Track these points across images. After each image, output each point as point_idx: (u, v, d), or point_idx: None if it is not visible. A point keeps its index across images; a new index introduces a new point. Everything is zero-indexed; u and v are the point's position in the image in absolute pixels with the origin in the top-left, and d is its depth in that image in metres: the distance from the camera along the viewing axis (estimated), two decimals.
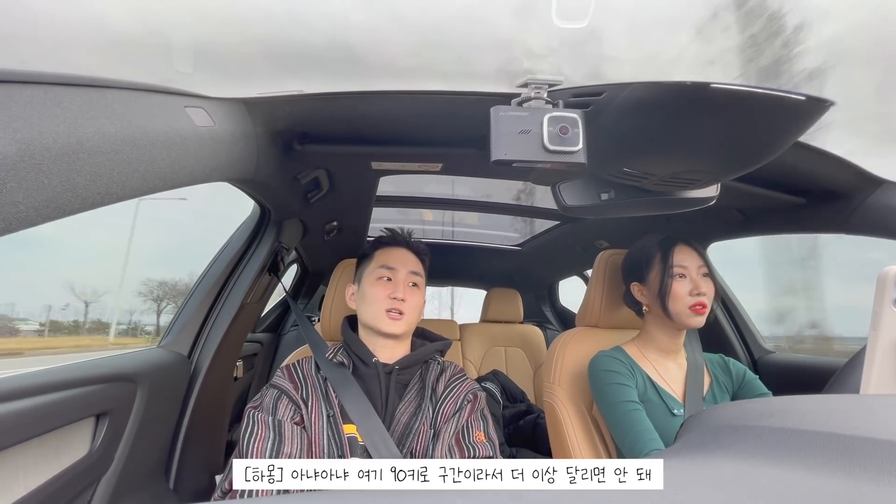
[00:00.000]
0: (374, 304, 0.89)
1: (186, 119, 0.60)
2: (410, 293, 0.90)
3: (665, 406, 0.94)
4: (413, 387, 0.88)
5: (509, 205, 1.86)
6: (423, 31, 6.52)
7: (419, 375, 0.90)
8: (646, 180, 0.80)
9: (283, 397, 0.81)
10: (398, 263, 0.92)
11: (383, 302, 0.88)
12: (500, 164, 0.61)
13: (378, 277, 0.91)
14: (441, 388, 0.88)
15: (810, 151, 0.84)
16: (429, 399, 0.86)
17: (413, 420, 0.83)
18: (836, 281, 5.23)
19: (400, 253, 0.95)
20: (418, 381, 0.89)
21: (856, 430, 0.25)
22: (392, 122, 0.89)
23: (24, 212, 0.40)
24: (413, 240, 0.99)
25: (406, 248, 0.96)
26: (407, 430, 0.82)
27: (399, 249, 0.96)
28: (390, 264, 0.92)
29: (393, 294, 0.88)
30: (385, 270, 0.91)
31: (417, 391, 0.88)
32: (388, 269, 0.92)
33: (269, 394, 0.82)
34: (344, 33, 7.20)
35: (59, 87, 0.44)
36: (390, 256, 0.93)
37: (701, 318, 0.94)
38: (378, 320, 0.88)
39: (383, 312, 0.87)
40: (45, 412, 0.71)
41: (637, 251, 1.07)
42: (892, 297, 0.41)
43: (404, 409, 0.84)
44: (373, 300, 0.89)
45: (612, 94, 0.65)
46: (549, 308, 2.99)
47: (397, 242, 0.97)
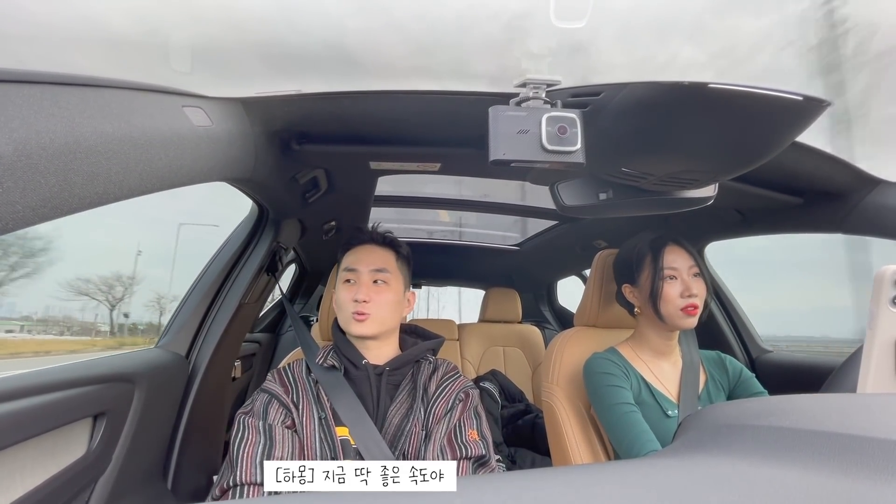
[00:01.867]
0: (341, 309, 0.89)
1: (184, 119, 0.60)
2: (376, 291, 0.88)
3: (659, 407, 0.94)
4: (405, 388, 0.87)
5: (508, 205, 1.86)
6: (419, 33, 6.52)
7: (411, 376, 0.89)
8: (644, 180, 0.80)
9: (273, 401, 0.81)
10: (359, 263, 0.91)
11: (348, 305, 0.87)
12: (498, 163, 0.61)
13: (343, 281, 0.91)
14: (433, 388, 0.87)
15: (808, 151, 0.84)
16: (420, 399, 0.85)
17: (405, 422, 0.82)
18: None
19: (363, 252, 0.92)
20: (409, 381, 0.89)
21: (853, 429, 0.25)
22: (390, 122, 0.89)
23: (20, 211, 0.39)
24: (379, 233, 0.96)
25: (371, 244, 0.94)
26: (399, 431, 0.81)
27: (362, 247, 0.93)
28: (351, 265, 0.91)
29: (355, 296, 0.87)
30: (347, 273, 0.91)
31: (409, 392, 0.87)
32: (350, 270, 0.90)
33: (259, 398, 0.82)
34: (339, 36, 7.19)
35: (57, 87, 0.43)
36: (352, 257, 0.92)
37: (693, 319, 0.94)
38: (347, 324, 0.88)
39: (350, 315, 0.86)
40: (43, 412, 0.71)
41: (627, 252, 1.06)
42: (888, 297, 0.41)
43: (396, 411, 0.84)
44: (340, 305, 0.89)
45: (610, 94, 0.65)
46: (547, 308, 2.99)
47: (361, 240, 0.94)
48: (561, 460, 1.04)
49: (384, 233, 0.96)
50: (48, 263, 17.27)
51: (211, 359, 1.17)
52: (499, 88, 0.74)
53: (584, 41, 0.66)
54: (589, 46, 0.83)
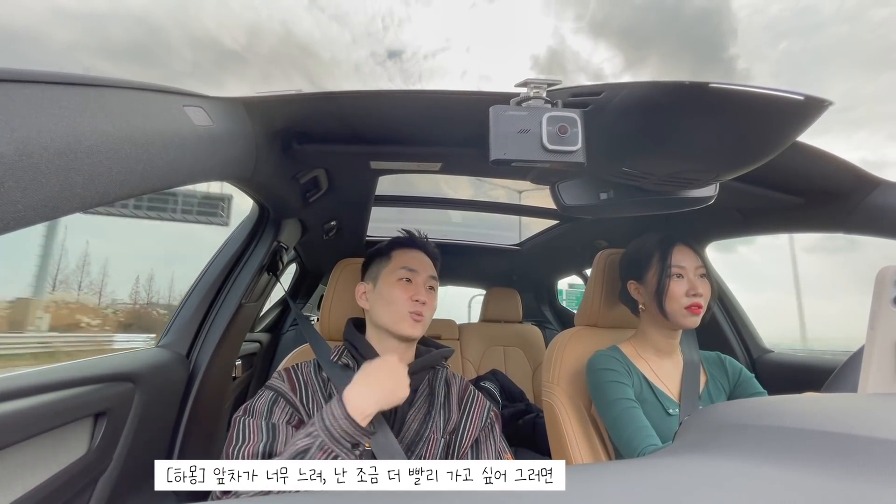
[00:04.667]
0: (395, 306, 0.87)
1: (185, 118, 0.60)
2: (429, 296, 0.89)
3: (660, 406, 0.94)
4: (422, 393, 0.87)
5: (509, 204, 1.86)
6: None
7: (427, 381, 0.89)
8: (645, 180, 0.80)
9: (279, 400, 0.79)
10: (418, 266, 0.91)
11: (406, 304, 0.86)
12: (499, 163, 0.60)
13: (399, 278, 0.89)
14: (454, 404, 0.87)
15: (809, 152, 0.84)
16: (440, 407, 0.85)
17: (423, 427, 0.82)
18: None
19: (419, 255, 0.94)
20: (426, 386, 0.88)
21: (854, 429, 0.25)
22: (391, 122, 0.89)
23: (21, 211, 0.39)
24: (431, 242, 0.98)
25: (423, 252, 0.95)
26: (417, 436, 0.81)
27: (417, 252, 0.94)
28: (412, 266, 0.90)
29: (415, 296, 0.86)
30: (407, 272, 0.90)
31: (426, 397, 0.86)
32: (410, 270, 0.90)
33: (264, 395, 0.80)
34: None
35: (58, 87, 0.43)
36: (411, 258, 0.92)
37: (696, 318, 0.95)
38: (399, 322, 0.86)
39: (406, 314, 0.85)
40: (43, 412, 0.71)
41: (635, 250, 1.07)
42: (890, 297, 0.41)
43: (414, 416, 0.83)
44: (394, 301, 0.87)
45: (610, 93, 0.65)
46: (548, 307, 2.99)
47: (416, 245, 0.96)
48: (561, 460, 1.04)
49: (433, 244, 0.99)
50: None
51: (211, 358, 1.17)
52: (499, 88, 0.74)
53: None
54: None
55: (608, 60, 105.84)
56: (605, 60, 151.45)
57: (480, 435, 0.85)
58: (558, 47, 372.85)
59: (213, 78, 26.84)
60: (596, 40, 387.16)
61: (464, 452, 0.82)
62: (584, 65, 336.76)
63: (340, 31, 39.75)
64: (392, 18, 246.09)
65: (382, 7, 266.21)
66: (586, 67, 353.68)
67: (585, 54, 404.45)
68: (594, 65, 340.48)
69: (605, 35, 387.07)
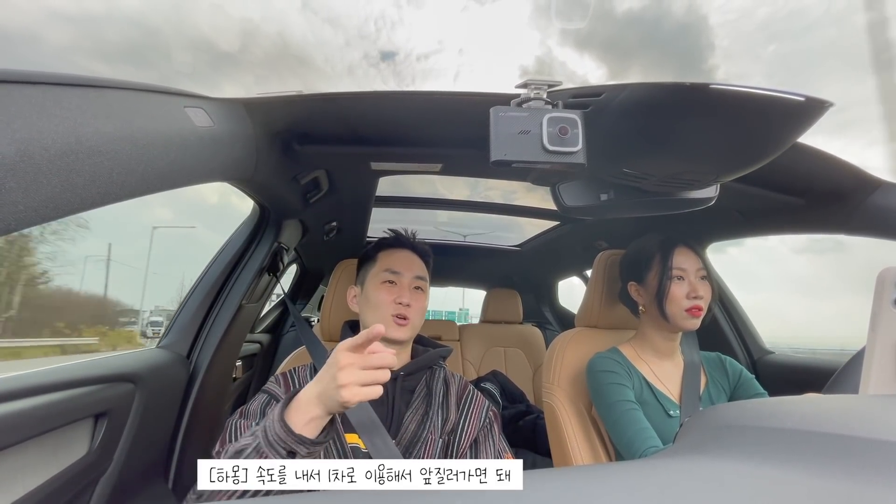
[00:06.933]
0: (378, 309, 0.86)
1: (186, 119, 0.60)
2: (415, 298, 0.88)
3: (661, 407, 0.94)
4: (419, 393, 0.86)
5: (509, 205, 1.86)
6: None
7: (425, 381, 0.88)
8: (645, 181, 0.80)
9: (272, 402, 0.78)
10: (403, 267, 0.89)
11: (389, 307, 0.85)
12: (499, 164, 0.61)
13: (383, 281, 0.88)
14: (453, 405, 0.86)
15: (809, 152, 0.84)
16: (438, 407, 0.84)
17: (420, 429, 0.81)
18: None
19: (404, 255, 0.92)
20: (424, 387, 0.87)
21: (855, 430, 0.25)
22: (391, 123, 0.89)
23: (22, 212, 0.40)
24: (417, 241, 0.96)
25: (410, 251, 0.93)
26: (415, 438, 0.80)
27: (403, 252, 0.93)
28: (395, 268, 0.89)
29: (398, 299, 0.85)
30: (389, 274, 0.88)
31: (423, 398, 0.86)
32: (393, 272, 0.89)
33: (258, 399, 0.79)
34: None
35: (59, 87, 0.43)
36: (395, 260, 0.91)
37: (696, 320, 0.94)
38: (384, 326, 0.86)
39: (389, 318, 0.84)
40: (44, 412, 0.71)
41: (636, 251, 1.07)
42: (891, 298, 0.41)
43: (412, 418, 0.82)
44: (378, 305, 0.86)
45: (611, 94, 0.65)
46: (548, 308, 2.99)
47: (401, 244, 0.94)
48: (561, 461, 1.03)
49: (422, 242, 0.96)
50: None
51: (212, 359, 1.17)
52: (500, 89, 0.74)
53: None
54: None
55: (592, 72, 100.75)
56: (590, 72, 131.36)
57: (479, 435, 0.84)
58: (545, 58, 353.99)
59: (209, 80, 26.67)
60: (581, 53, 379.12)
61: (462, 452, 0.81)
62: (570, 75, 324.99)
63: (334, 33, 39.86)
64: (384, 21, 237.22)
65: (375, 10, 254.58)
66: (572, 77, 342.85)
67: (571, 64, 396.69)
68: (579, 76, 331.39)
69: (589, 48, 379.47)
